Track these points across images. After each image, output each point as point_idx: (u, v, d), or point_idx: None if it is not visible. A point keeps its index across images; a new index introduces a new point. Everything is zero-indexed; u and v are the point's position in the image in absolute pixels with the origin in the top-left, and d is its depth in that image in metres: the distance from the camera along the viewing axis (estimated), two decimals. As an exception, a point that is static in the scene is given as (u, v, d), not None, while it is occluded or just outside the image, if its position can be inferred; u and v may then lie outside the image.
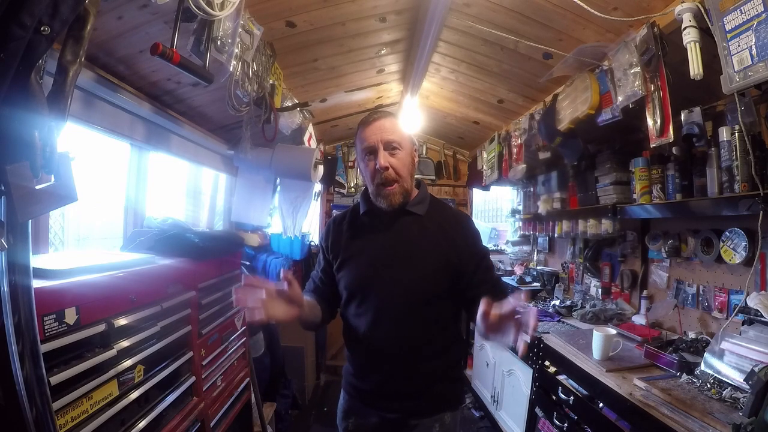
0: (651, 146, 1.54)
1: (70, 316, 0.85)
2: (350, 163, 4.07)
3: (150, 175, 1.86)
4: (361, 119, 1.20)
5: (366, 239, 1.21)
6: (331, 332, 3.84)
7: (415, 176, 1.24)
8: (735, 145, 1.34)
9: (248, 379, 1.87)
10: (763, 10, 1.03)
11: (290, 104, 2.22)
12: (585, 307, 2.32)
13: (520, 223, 3.57)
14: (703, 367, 1.38)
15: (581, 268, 2.73)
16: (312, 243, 3.92)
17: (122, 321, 1.01)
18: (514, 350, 0.98)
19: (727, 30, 1.12)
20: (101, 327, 0.94)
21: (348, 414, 1.27)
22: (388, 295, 1.15)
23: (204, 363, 1.43)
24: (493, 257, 4.14)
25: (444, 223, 1.20)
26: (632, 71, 1.52)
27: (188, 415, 1.26)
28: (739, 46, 1.09)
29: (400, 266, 1.15)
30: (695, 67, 1.24)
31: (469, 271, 1.16)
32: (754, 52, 1.05)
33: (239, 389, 1.74)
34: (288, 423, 2.70)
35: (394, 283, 1.15)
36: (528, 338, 0.89)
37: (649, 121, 1.50)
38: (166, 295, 1.22)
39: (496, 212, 6.00)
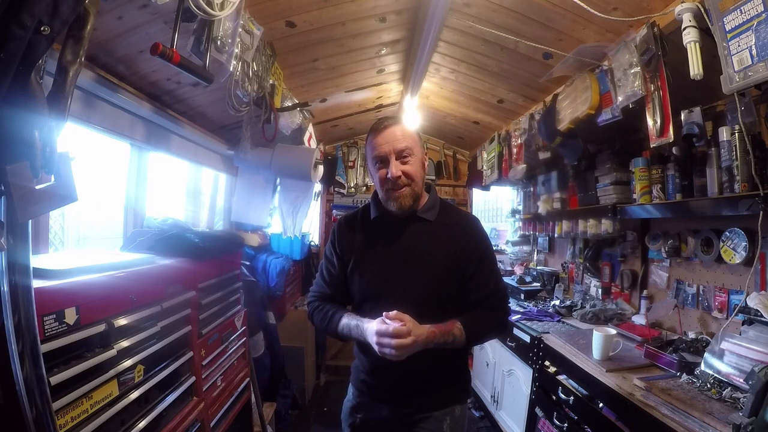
0: (651, 146, 1.54)
1: (70, 316, 0.85)
2: (350, 163, 4.07)
3: (150, 175, 1.86)
4: (372, 125, 1.21)
5: (379, 246, 1.22)
6: (331, 332, 3.84)
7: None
8: (735, 145, 1.34)
9: (248, 379, 1.87)
10: (763, 10, 1.03)
11: (290, 104, 2.22)
12: (585, 307, 2.32)
13: (520, 223, 3.57)
14: (703, 367, 1.38)
15: (581, 268, 2.73)
16: (312, 243, 3.91)
17: (122, 321, 1.01)
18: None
19: (727, 30, 1.12)
20: (101, 327, 0.94)
21: (356, 410, 1.28)
22: (401, 299, 1.14)
23: (204, 363, 1.42)
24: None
25: (453, 226, 1.22)
26: (632, 71, 1.52)
27: (188, 415, 1.26)
28: (739, 46, 1.09)
29: (412, 272, 1.17)
30: (695, 67, 1.24)
31: (469, 273, 1.18)
32: (754, 52, 1.05)
33: (239, 389, 1.74)
34: (288, 423, 2.70)
35: (406, 288, 1.17)
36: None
37: (649, 121, 1.50)
38: (166, 295, 1.22)
39: (496, 212, 6.00)
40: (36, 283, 0.74)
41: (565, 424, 1.72)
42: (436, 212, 1.24)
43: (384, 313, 1.07)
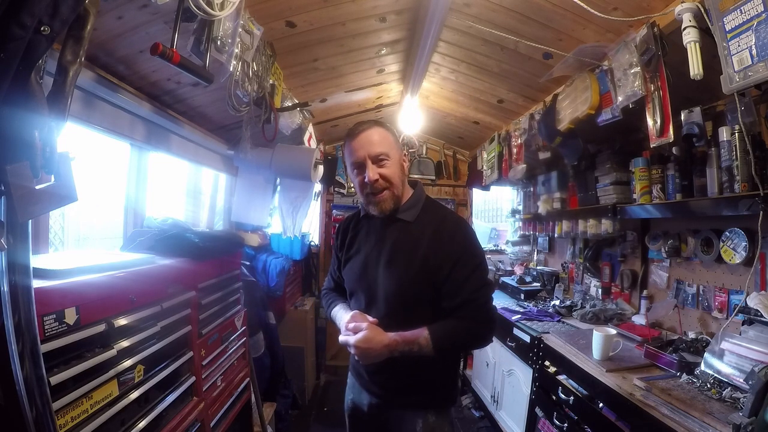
0: (651, 146, 1.54)
1: (70, 316, 0.85)
2: (350, 163, 4.07)
3: (150, 175, 1.86)
4: (348, 130, 1.23)
5: (361, 242, 1.30)
6: (331, 332, 3.84)
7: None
8: (735, 145, 1.34)
9: (248, 379, 1.87)
10: (763, 10, 1.03)
11: (290, 104, 2.22)
12: (585, 307, 2.32)
13: (520, 223, 3.57)
14: (703, 367, 1.38)
15: (581, 268, 2.73)
16: (312, 243, 3.91)
17: (122, 321, 1.01)
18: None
19: (727, 30, 1.12)
20: (101, 327, 0.94)
21: (350, 390, 1.37)
22: (372, 297, 1.22)
23: (204, 363, 1.42)
24: (493, 257, 4.08)
25: (431, 228, 1.19)
26: (632, 71, 1.52)
27: (188, 415, 1.26)
28: (739, 46, 1.09)
29: (383, 271, 1.20)
30: (695, 67, 1.24)
31: (442, 277, 1.14)
32: (754, 52, 1.05)
33: (239, 389, 1.74)
34: (288, 423, 2.69)
35: (378, 287, 1.20)
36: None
37: (649, 121, 1.50)
38: (166, 295, 1.22)
39: (496, 212, 6.00)
40: (36, 283, 0.74)
41: (565, 424, 1.72)
42: (416, 212, 1.23)
43: (345, 323, 1.15)
